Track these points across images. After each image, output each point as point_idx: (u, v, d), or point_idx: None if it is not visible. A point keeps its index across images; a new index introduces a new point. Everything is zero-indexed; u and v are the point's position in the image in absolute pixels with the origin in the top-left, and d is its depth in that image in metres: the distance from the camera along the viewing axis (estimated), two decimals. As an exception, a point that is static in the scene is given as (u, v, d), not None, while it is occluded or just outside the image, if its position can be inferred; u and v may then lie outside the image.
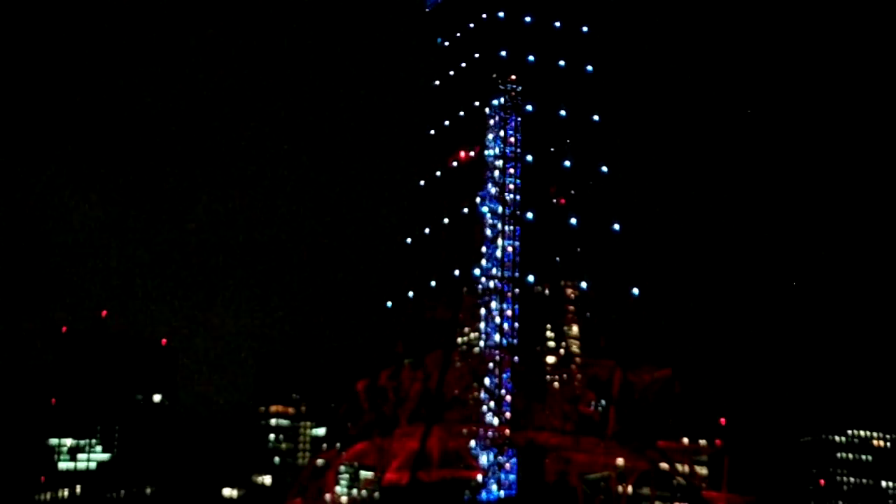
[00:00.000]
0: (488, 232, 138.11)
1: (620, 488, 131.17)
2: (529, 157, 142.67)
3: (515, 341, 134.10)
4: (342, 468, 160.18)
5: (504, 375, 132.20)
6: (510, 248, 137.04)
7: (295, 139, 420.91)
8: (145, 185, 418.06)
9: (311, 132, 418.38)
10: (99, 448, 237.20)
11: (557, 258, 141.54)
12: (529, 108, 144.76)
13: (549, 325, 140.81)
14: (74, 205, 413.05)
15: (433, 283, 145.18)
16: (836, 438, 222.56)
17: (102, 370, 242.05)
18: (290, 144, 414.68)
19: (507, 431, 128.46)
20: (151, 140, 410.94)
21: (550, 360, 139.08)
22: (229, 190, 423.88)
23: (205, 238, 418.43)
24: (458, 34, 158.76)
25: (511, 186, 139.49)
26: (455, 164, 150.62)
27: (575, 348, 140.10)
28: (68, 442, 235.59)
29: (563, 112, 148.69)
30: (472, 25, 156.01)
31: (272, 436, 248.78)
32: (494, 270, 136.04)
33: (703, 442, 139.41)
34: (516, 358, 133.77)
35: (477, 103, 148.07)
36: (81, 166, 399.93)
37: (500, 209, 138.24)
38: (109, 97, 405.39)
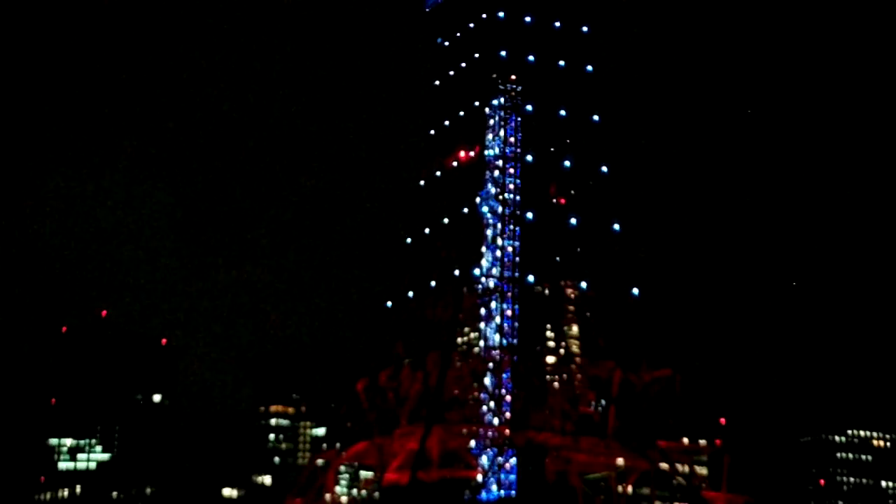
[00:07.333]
0: (488, 232, 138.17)
1: (620, 488, 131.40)
2: (529, 157, 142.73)
3: (515, 341, 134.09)
4: (342, 468, 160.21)
5: (504, 375, 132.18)
6: (510, 248, 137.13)
7: (294, 139, 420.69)
8: (144, 185, 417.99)
9: (311, 132, 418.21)
10: (99, 448, 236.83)
11: (557, 258, 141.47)
12: (529, 108, 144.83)
13: (549, 325, 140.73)
14: (74, 205, 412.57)
15: (433, 283, 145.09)
16: (836, 438, 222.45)
17: (102, 370, 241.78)
18: (289, 144, 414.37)
19: (507, 431, 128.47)
20: (150, 139, 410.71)
21: (550, 360, 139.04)
22: (229, 189, 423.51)
23: (204, 237, 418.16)
24: (458, 34, 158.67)
25: (511, 186, 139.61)
26: (455, 164, 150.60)
27: (575, 348, 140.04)
28: (68, 442, 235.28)
29: (563, 112, 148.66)
30: (472, 25, 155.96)
31: (272, 436, 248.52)
32: (494, 270, 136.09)
33: (702, 442, 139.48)
34: (516, 358, 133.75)
35: (477, 103, 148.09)
36: (81, 166, 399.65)
37: (500, 209, 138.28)
38: (108, 97, 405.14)
